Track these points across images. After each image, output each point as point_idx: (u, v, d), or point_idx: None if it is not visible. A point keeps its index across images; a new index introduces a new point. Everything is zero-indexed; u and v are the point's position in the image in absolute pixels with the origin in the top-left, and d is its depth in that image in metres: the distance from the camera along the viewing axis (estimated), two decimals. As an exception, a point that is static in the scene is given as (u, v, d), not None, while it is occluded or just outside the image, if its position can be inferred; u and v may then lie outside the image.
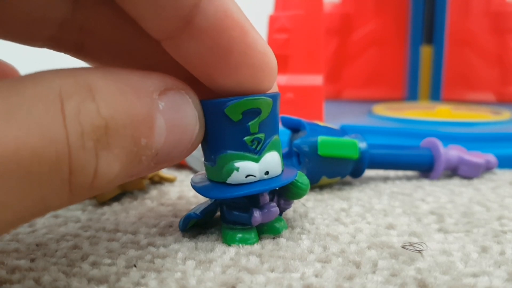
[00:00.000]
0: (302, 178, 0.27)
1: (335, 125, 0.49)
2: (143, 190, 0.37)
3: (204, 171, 0.28)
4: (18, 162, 0.14)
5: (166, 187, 0.38)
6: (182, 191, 0.37)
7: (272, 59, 0.23)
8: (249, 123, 0.24)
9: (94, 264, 0.24)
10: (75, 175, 0.16)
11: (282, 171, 0.27)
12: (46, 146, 0.15)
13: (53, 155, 0.15)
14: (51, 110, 0.15)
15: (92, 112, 0.16)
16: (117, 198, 0.35)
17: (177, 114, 0.21)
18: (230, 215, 0.27)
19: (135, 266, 0.24)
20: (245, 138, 0.25)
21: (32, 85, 0.16)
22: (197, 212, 0.27)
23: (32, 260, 0.24)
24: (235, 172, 0.25)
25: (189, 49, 0.21)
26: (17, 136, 0.14)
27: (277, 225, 0.28)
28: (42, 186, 0.15)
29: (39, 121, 0.15)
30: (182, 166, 0.46)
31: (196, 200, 0.34)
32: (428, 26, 0.72)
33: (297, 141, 0.35)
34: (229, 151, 0.25)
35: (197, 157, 0.42)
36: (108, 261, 0.24)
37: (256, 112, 0.24)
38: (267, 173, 0.25)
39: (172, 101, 0.20)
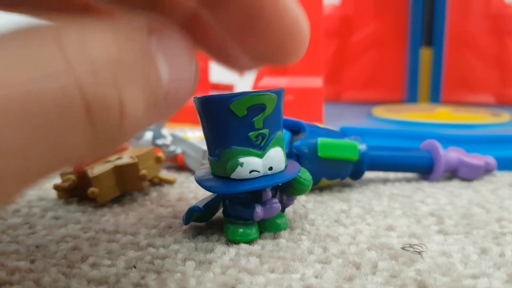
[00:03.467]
0: (305, 174, 0.28)
1: (335, 127, 0.49)
2: (143, 191, 0.37)
3: (208, 166, 0.28)
4: (13, 103, 0.13)
5: (166, 189, 0.38)
6: (182, 192, 0.37)
7: (303, 26, 0.22)
8: (254, 119, 0.25)
9: (93, 265, 0.24)
10: (95, 111, 0.15)
11: (286, 166, 0.27)
12: (45, 81, 0.14)
13: (56, 89, 0.14)
14: (47, 45, 0.14)
15: (99, 46, 0.15)
16: (117, 199, 0.35)
17: (172, 51, 0.20)
18: (233, 209, 0.27)
19: (134, 267, 0.24)
20: (250, 133, 0.25)
21: (25, 31, 0.14)
22: (200, 205, 0.28)
23: (32, 262, 0.24)
24: (239, 167, 0.25)
25: (221, 11, 0.21)
26: (8, 77, 0.13)
27: (279, 221, 0.28)
28: (52, 128, 0.14)
29: (34, 58, 0.14)
30: (182, 168, 0.46)
31: (196, 202, 0.34)
32: (428, 28, 0.72)
33: (297, 143, 0.35)
34: (233, 147, 0.25)
35: (197, 159, 0.42)
36: (108, 262, 0.24)
37: (261, 108, 0.25)
38: (270, 168, 0.26)
39: (164, 40, 0.20)
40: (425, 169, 0.40)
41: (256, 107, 0.24)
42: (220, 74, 0.83)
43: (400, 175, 0.42)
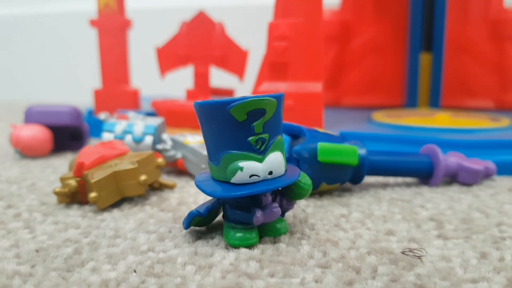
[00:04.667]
0: (305, 179, 0.28)
1: (334, 132, 0.49)
2: (143, 196, 0.37)
3: (208, 170, 0.28)
4: None
5: (166, 193, 0.38)
6: (182, 197, 0.37)
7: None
8: (254, 124, 0.25)
9: (94, 270, 0.24)
10: None
11: (285, 171, 0.27)
12: None
13: None
14: None
15: None
16: (117, 204, 0.35)
17: None
18: (233, 214, 0.27)
19: (134, 271, 0.24)
20: (250, 138, 0.25)
21: None
22: (200, 210, 0.28)
23: (32, 266, 0.24)
24: (239, 171, 0.25)
25: None
26: None
27: (279, 225, 0.28)
28: None
29: None
30: (182, 172, 0.46)
31: (196, 206, 0.34)
32: (427, 33, 0.72)
33: (296, 147, 0.35)
34: (233, 151, 0.25)
35: (197, 164, 0.42)
36: (108, 266, 0.24)
37: (260, 112, 0.25)
38: (270, 173, 0.26)
39: None
40: (424, 173, 0.40)
41: (256, 111, 0.24)
42: (220, 79, 0.83)
43: (400, 179, 0.42)
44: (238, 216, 0.27)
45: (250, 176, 0.25)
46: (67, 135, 0.58)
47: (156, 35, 0.93)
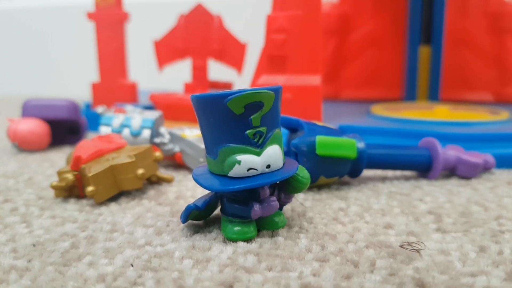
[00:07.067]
0: (303, 172, 0.28)
1: (333, 125, 0.49)
2: (141, 190, 0.37)
3: (206, 164, 0.28)
4: None
5: (164, 187, 0.38)
6: (180, 191, 0.37)
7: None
8: (252, 117, 0.25)
9: (90, 264, 0.24)
10: None
11: (283, 164, 0.27)
12: None
13: None
14: None
15: None
16: (114, 198, 0.35)
17: None
18: (230, 207, 0.27)
19: (132, 265, 0.23)
20: (247, 131, 0.25)
21: None
22: (198, 204, 0.27)
23: (29, 261, 0.24)
24: (236, 165, 0.25)
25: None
26: None
27: (277, 219, 0.28)
28: None
29: None
30: (180, 166, 0.46)
31: (194, 200, 0.34)
32: (426, 26, 0.72)
33: (295, 141, 0.35)
34: (231, 145, 0.25)
35: (195, 157, 0.41)
36: (105, 261, 0.24)
37: (258, 105, 0.24)
38: (268, 166, 0.25)
39: None
40: (423, 167, 0.40)
41: (253, 104, 0.24)
42: (218, 73, 0.83)
43: (398, 173, 0.42)
44: (236, 210, 0.26)
45: (247, 170, 0.25)
46: (64, 129, 0.58)
47: (154, 28, 0.92)
